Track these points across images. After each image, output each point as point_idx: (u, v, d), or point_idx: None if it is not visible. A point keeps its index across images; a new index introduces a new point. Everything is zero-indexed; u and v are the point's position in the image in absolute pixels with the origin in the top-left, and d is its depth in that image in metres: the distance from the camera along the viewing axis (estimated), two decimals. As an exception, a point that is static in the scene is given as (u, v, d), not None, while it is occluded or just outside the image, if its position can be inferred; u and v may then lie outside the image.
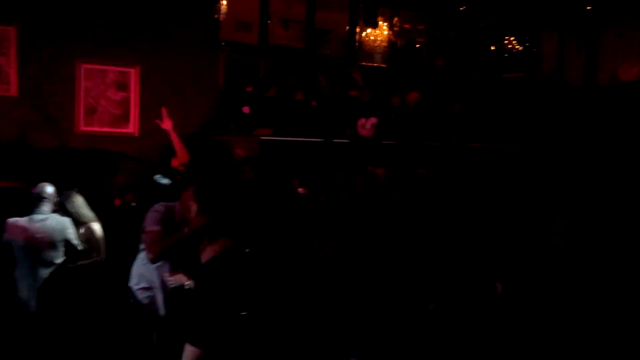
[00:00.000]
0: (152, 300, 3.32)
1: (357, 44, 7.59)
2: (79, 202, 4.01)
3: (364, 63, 7.57)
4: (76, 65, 5.46)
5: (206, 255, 2.78)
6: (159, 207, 3.20)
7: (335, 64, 7.31)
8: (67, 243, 3.79)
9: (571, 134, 7.09)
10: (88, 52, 5.50)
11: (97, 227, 4.00)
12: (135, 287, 3.35)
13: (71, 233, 3.82)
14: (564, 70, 8.23)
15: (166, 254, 3.09)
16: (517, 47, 8.09)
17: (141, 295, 3.33)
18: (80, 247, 3.86)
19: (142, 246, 3.30)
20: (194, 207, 2.87)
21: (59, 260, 3.76)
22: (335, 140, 6.11)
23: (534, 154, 6.76)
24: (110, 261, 3.96)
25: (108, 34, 5.58)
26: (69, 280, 3.79)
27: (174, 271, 3.22)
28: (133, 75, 5.67)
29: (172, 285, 3.20)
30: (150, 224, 3.13)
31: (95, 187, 4.66)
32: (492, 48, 8.09)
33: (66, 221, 3.83)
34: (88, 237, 3.95)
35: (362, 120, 6.32)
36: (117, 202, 4.71)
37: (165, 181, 4.09)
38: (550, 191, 5.21)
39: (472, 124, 6.93)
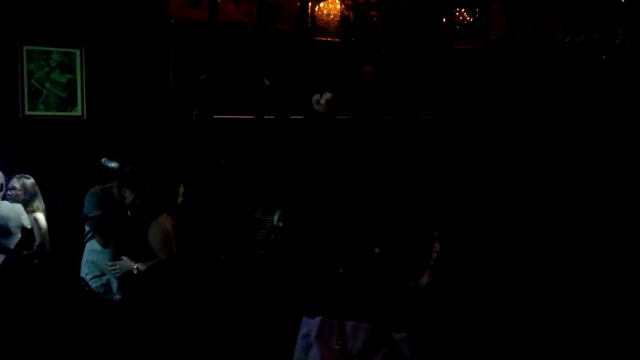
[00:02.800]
0: (107, 287, 3.31)
1: (309, 18, 7.51)
2: None
3: (317, 38, 7.51)
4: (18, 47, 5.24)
5: None
6: (94, 190, 3.19)
7: (288, 39, 7.23)
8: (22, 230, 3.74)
9: (520, 101, 7.29)
10: (30, 33, 5.27)
11: (40, 216, 3.93)
12: (88, 277, 3.32)
13: (25, 219, 3.77)
14: (513, 40, 8.39)
15: (117, 237, 3.08)
16: (467, 18, 8.18)
17: (95, 284, 3.31)
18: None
19: (88, 234, 3.27)
20: None
21: (13, 247, 3.70)
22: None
23: (485, 123, 6.93)
24: (65, 251, 3.91)
25: (50, 12, 5.35)
26: (24, 268, 3.74)
27: (119, 257, 3.21)
28: (78, 56, 5.48)
29: (118, 273, 3.18)
30: (92, 209, 3.11)
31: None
32: (444, 20, 8.15)
33: (19, 207, 3.77)
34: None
35: (317, 96, 6.31)
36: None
37: (112, 165, 4.04)
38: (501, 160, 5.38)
39: (426, 96, 7.02)
